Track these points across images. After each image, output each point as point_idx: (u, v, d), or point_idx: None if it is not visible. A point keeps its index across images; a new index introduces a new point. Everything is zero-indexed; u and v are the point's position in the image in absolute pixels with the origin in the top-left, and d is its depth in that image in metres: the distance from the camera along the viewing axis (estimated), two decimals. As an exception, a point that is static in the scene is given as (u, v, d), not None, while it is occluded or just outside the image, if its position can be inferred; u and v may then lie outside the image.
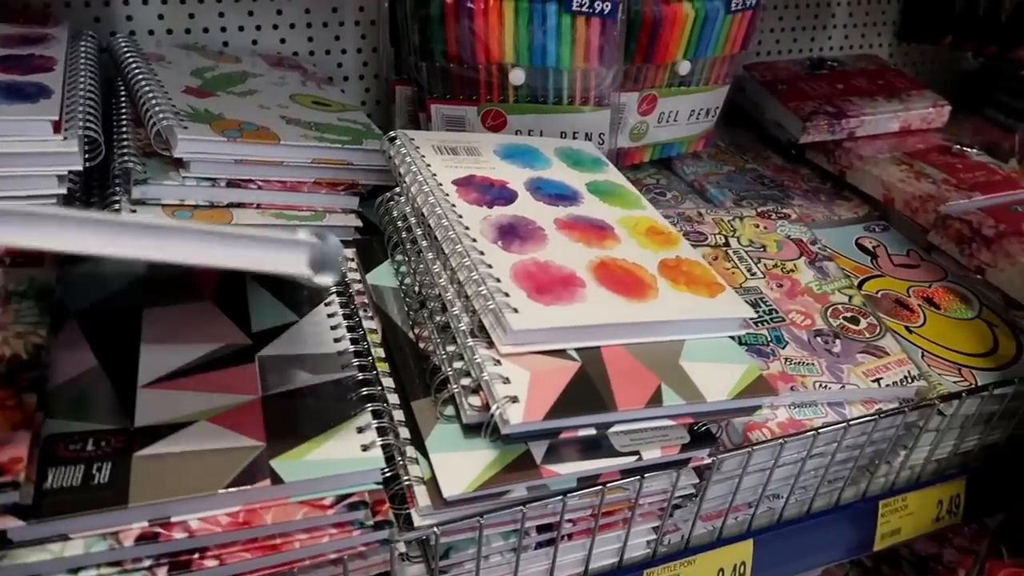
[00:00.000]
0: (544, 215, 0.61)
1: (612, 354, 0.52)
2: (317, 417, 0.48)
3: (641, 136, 0.87)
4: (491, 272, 0.53)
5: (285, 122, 0.71)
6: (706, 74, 0.86)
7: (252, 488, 0.43)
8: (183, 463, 0.43)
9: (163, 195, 0.65)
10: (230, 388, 0.49)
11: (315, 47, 0.93)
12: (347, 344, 0.54)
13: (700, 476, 0.56)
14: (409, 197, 0.62)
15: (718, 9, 0.81)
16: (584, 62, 0.76)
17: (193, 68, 0.78)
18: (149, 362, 0.50)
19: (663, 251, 0.61)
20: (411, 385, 0.54)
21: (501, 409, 0.46)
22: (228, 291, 0.58)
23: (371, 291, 0.62)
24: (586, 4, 0.72)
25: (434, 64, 0.76)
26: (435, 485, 0.47)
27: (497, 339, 0.50)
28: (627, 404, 0.48)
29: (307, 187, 0.70)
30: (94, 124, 0.62)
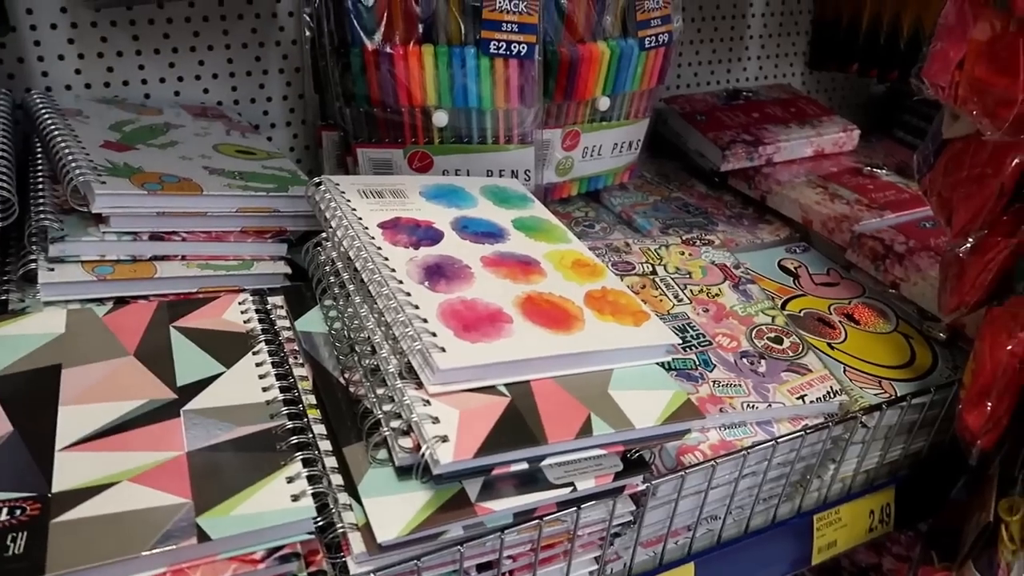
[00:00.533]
0: (471, 253, 0.62)
1: (541, 387, 0.53)
2: (245, 469, 0.47)
3: (567, 171, 0.89)
4: (418, 313, 0.53)
5: (208, 172, 0.71)
6: (626, 108, 0.89)
7: (177, 547, 0.42)
8: (104, 527, 0.42)
9: (82, 252, 0.64)
10: (154, 445, 0.48)
11: (240, 96, 0.93)
12: (276, 392, 0.54)
13: (636, 503, 0.57)
14: (335, 242, 0.63)
15: (632, 47, 0.84)
16: (505, 102, 0.77)
17: (112, 122, 0.77)
18: (68, 424, 0.49)
19: (589, 283, 0.62)
20: (343, 431, 0.53)
21: (431, 449, 0.46)
22: (151, 345, 0.57)
23: (300, 337, 0.61)
24: (503, 47, 0.74)
25: (358, 109, 0.77)
26: (369, 530, 0.47)
27: (426, 379, 0.50)
28: (557, 436, 0.49)
29: (233, 236, 0.70)
30: (6, 183, 0.61)
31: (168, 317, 0.60)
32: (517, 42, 0.74)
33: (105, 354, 0.55)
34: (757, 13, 1.23)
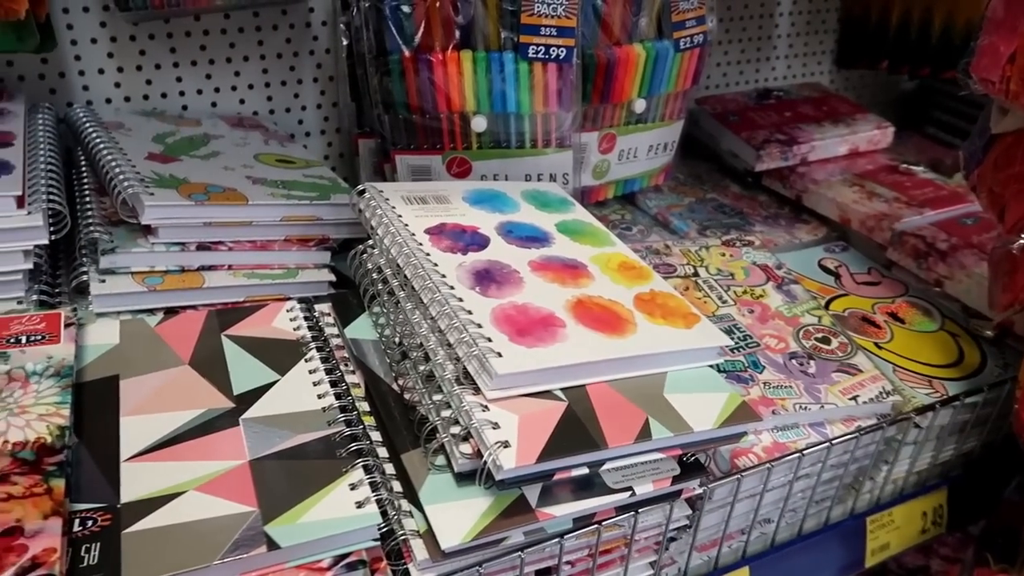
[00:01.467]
0: (518, 258, 0.62)
1: (597, 391, 0.52)
2: (307, 477, 0.47)
3: (604, 174, 0.89)
4: (472, 318, 0.53)
5: (251, 182, 0.71)
6: (661, 110, 0.89)
7: (248, 556, 0.42)
8: (175, 536, 0.42)
9: (132, 263, 0.64)
10: (216, 454, 0.48)
11: (275, 106, 0.94)
12: (331, 400, 0.54)
13: (692, 507, 0.56)
14: (383, 249, 0.63)
15: (668, 48, 0.84)
16: (544, 106, 0.77)
17: (154, 134, 0.78)
18: (131, 434, 0.49)
19: (637, 286, 0.62)
20: (399, 437, 0.53)
21: (494, 455, 0.46)
22: (205, 353, 0.57)
23: (350, 345, 0.62)
24: (541, 51, 0.74)
25: (397, 116, 0.77)
26: (432, 537, 0.47)
27: (483, 385, 0.50)
28: (617, 440, 0.49)
29: (278, 245, 0.70)
30: (58, 197, 0.62)
31: (219, 326, 0.61)
32: (556, 46, 0.74)
33: (161, 364, 0.56)
34: (785, 12, 1.22)
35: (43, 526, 0.38)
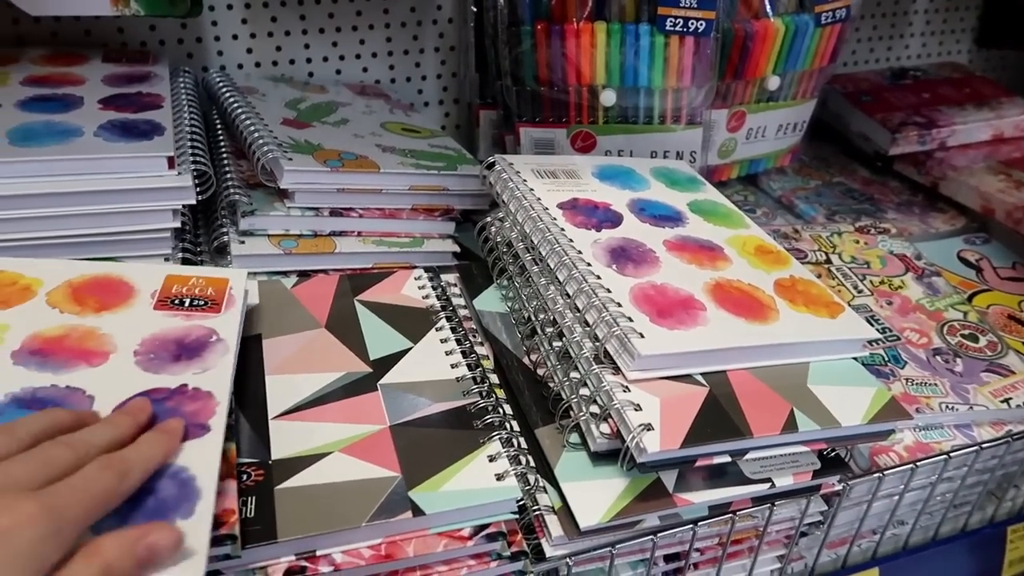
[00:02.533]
0: (652, 237, 0.60)
1: (739, 378, 0.51)
2: (447, 446, 0.48)
3: (729, 153, 0.86)
4: (611, 296, 0.52)
5: (381, 150, 0.72)
6: (794, 88, 0.85)
7: (395, 520, 0.42)
8: (323, 495, 0.43)
9: (269, 225, 0.66)
10: (358, 418, 0.49)
11: (396, 74, 0.94)
12: (465, 370, 0.54)
13: (828, 503, 0.54)
14: (514, 222, 0.62)
15: (808, 23, 0.80)
16: (676, 81, 0.75)
17: (286, 99, 0.80)
18: (276, 393, 0.50)
19: (776, 271, 0.59)
20: (530, 411, 0.53)
21: (637, 438, 0.45)
22: (340, 318, 0.58)
23: (479, 316, 0.62)
24: (680, 23, 0.72)
25: (524, 88, 0.77)
26: (568, 515, 0.46)
27: (623, 365, 0.49)
28: (762, 430, 0.47)
29: (405, 214, 0.71)
30: (203, 159, 0.63)
31: (351, 290, 0.62)
32: (695, 18, 0.72)
33: (299, 326, 0.57)
34: (923, -14, 1.15)
35: (221, 487, 0.39)
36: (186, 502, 0.37)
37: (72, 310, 0.49)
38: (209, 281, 0.54)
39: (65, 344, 0.46)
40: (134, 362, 0.46)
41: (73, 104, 0.65)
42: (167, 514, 0.36)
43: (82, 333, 0.47)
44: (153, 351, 0.47)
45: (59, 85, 0.68)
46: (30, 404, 0.41)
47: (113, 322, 0.48)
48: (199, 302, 0.52)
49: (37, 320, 0.47)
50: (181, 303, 0.51)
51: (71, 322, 0.48)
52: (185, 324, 0.50)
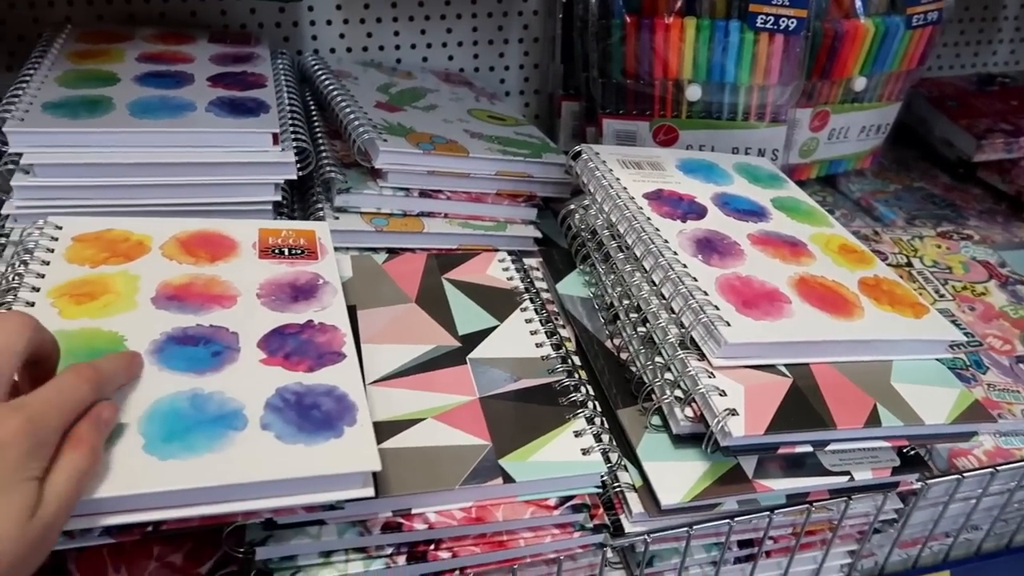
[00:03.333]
0: (736, 230, 0.61)
1: (822, 371, 0.51)
2: (534, 420, 0.49)
3: (811, 153, 0.86)
4: (697, 285, 0.53)
5: (469, 136, 0.74)
6: (880, 90, 0.84)
7: (486, 486, 0.44)
8: (420, 458, 0.45)
9: (362, 203, 0.69)
10: (449, 388, 0.51)
11: (480, 63, 0.96)
12: (549, 350, 0.56)
13: (904, 501, 0.55)
14: (600, 210, 0.64)
15: (898, 25, 0.79)
16: (763, 78, 0.75)
17: (377, 84, 0.82)
18: (372, 360, 0.53)
19: (860, 269, 0.60)
20: (612, 394, 0.55)
21: (722, 422, 0.46)
22: (429, 294, 0.61)
23: (561, 300, 0.63)
24: (771, 21, 0.72)
25: (610, 80, 0.78)
26: (649, 493, 0.48)
27: (709, 352, 0.50)
28: (846, 423, 0.48)
29: (491, 198, 0.73)
30: (304, 136, 0.66)
31: (438, 268, 0.64)
32: (786, 16, 0.72)
33: (392, 300, 0.60)
34: (1016, -9, 1.13)
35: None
36: (347, 413, 0.43)
37: (188, 261, 0.53)
38: (299, 233, 0.58)
39: (193, 290, 0.50)
40: (260, 303, 0.50)
41: (185, 81, 0.68)
42: (336, 424, 0.42)
43: (205, 280, 0.51)
44: (273, 293, 0.51)
45: (171, 63, 0.72)
46: (183, 341, 0.46)
47: (228, 270, 0.52)
48: (296, 251, 0.56)
49: (161, 270, 0.51)
50: (281, 252, 0.56)
51: (191, 271, 0.52)
52: (291, 270, 0.54)
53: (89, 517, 0.37)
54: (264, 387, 0.44)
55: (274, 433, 0.41)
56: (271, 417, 0.42)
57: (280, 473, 0.39)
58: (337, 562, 0.43)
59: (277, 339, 0.48)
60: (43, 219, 0.54)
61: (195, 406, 0.42)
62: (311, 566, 0.43)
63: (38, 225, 0.54)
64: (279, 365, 0.46)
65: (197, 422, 0.41)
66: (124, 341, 0.45)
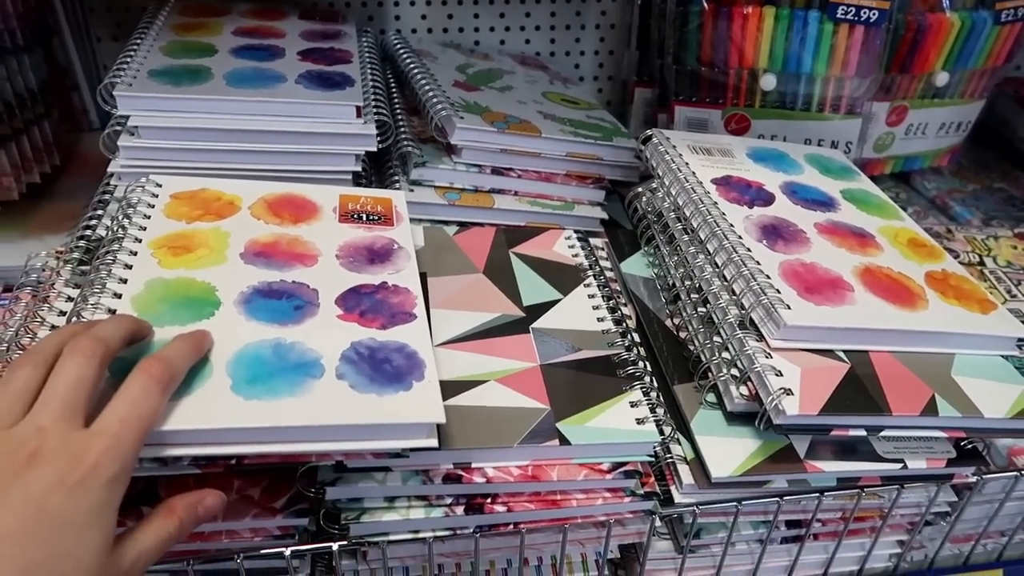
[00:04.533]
0: (803, 219, 0.62)
1: (881, 360, 0.52)
2: (592, 388, 0.51)
3: (885, 148, 0.85)
4: (760, 268, 0.54)
5: (543, 117, 0.76)
6: (963, 87, 0.83)
7: (543, 446, 0.47)
8: (481, 416, 0.48)
9: (436, 177, 0.72)
10: (512, 354, 0.54)
11: (556, 48, 0.98)
12: (610, 324, 0.58)
13: (959, 495, 0.55)
14: (667, 193, 0.65)
15: (986, 20, 0.78)
16: (840, 70, 0.75)
17: (457, 64, 0.85)
18: (439, 325, 0.56)
19: (928, 263, 0.60)
20: (669, 370, 0.56)
21: (777, 400, 0.47)
22: (497, 266, 0.63)
23: (624, 278, 0.65)
24: (852, 12, 0.72)
25: (684, 67, 0.79)
26: (700, 466, 0.49)
27: (768, 333, 0.51)
28: (901, 410, 0.48)
29: (560, 179, 0.74)
30: (385, 111, 0.69)
31: (506, 242, 0.66)
32: (868, 8, 0.72)
33: (460, 269, 0.62)
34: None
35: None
36: (416, 369, 0.46)
37: (274, 221, 0.56)
38: (377, 200, 0.62)
39: (279, 248, 0.53)
40: (339, 264, 0.54)
41: (277, 54, 0.72)
42: (405, 378, 0.45)
43: (290, 239, 0.55)
44: (351, 255, 0.55)
45: (265, 37, 0.76)
46: (268, 294, 0.49)
47: (310, 231, 0.56)
48: (374, 217, 0.59)
49: (249, 229, 0.55)
50: (360, 217, 0.59)
51: (277, 231, 0.55)
52: (369, 235, 0.57)
53: (180, 447, 0.40)
54: (340, 340, 0.47)
55: (348, 383, 0.44)
56: (346, 368, 0.45)
57: (352, 419, 0.42)
58: (400, 507, 0.46)
59: (353, 297, 0.51)
60: (145, 177, 0.59)
61: (277, 354, 0.45)
62: (376, 509, 0.46)
63: (140, 183, 0.58)
64: (354, 321, 0.49)
65: (279, 368, 0.44)
66: (216, 291, 0.49)
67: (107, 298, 0.47)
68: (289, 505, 0.46)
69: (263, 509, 0.46)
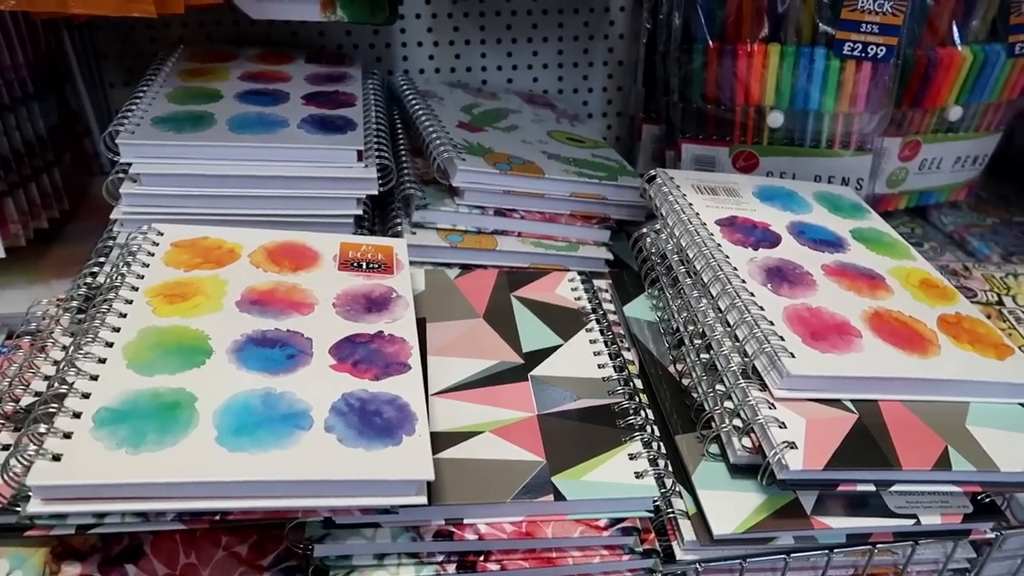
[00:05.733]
0: (810, 260, 0.60)
1: (891, 409, 0.50)
2: (590, 440, 0.50)
3: (899, 183, 0.83)
4: (764, 314, 0.53)
5: (547, 157, 0.75)
6: (978, 120, 0.81)
7: (537, 501, 0.45)
8: (474, 470, 0.47)
9: (439, 220, 0.71)
10: (509, 404, 0.52)
11: (564, 86, 0.98)
12: (611, 371, 0.56)
13: (978, 551, 0.52)
14: (671, 235, 0.64)
15: (999, 53, 0.76)
16: (849, 106, 0.74)
17: (462, 104, 0.85)
18: (437, 373, 0.55)
19: (940, 306, 0.58)
20: (672, 419, 0.55)
21: (780, 454, 0.45)
22: (497, 310, 0.62)
23: (628, 322, 0.64)
24: (858, 48, 0.71)
25: (690, 104, 0.78)
26: (702, 521, 0.48)
27: (771, 382, 0.50)
28: (912, 464, 0.46)
29: (564, 219, 0.74)
30: (387, 154, 0.69)
31: (508, 285, 0.65)
32: (875, 44, 0.70)
33: (460, 314, 0.61)
34: None
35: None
36: (407, 422, 0.45)
37: (273, 269, 0.56)
38: (378, 248, 0.62)
39: (276, 296, 0.53)
40: (335, 312, 0.53)
41: (281, 99, 0.73)
42: (395, 432, 0.44)
43: (288, 288, 0.54)
44: (348, 304, 0.54)
45: (271, 81, 0.76)
46: (262, 343, 0.49)
47: (309, 279, 0.56)
48: (374, 265, 0.59)
49: (247, 277, 0.55)
50: (359, 265, 0.59)
51: (275, 279, 0.55)
52: (368, 283, 0.57)
53: (161, 501, 0.40)
54: (331, 391, 0.46)
55: (336, 436, 0.43)
56: (335, 420, 0.44)
57: (338, 474, 0.41)
58: (390, 565, 0.45)
59: (348, 347, 0.50)
60: (147, 225, 0.59)
61: (266, 404, 0.44)
62: (365, 567, 0.45)
63: (142, 230, 0.59)
64: (347, 372, 0.48)
65: (267, 419, 0.43)
66: (208, 339, 0.48)
67: (98, 347, 0.47)
68: (277, 562, 0.45)
69: (250, 567, 0.45)
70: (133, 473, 0.39)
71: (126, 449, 0.40)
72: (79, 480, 0.39)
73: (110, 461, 0.39)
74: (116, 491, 0.40)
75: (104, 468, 0.39)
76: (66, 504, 0.39)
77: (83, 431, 0.41)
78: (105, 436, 0.40)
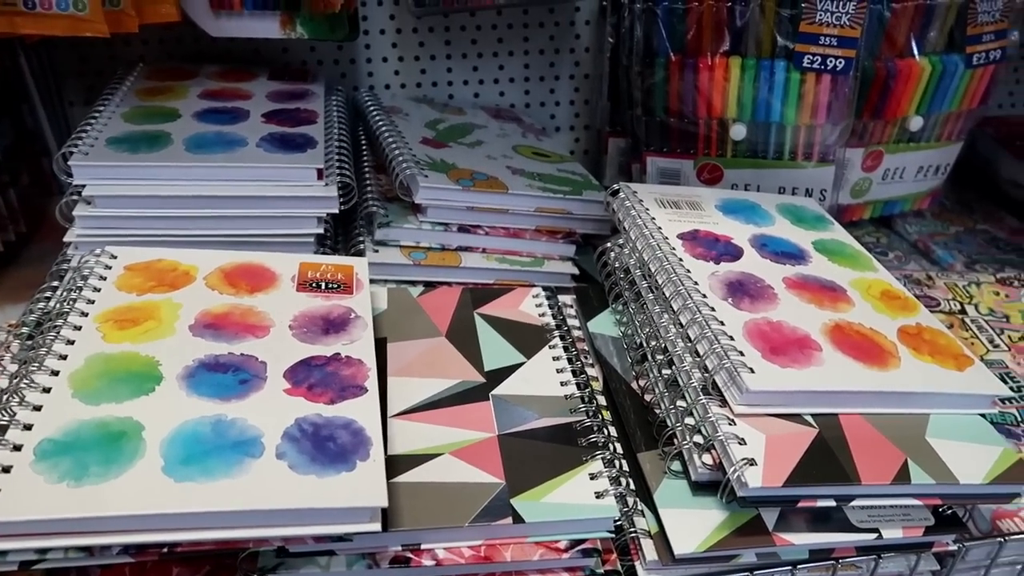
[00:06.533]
0: (772, 273, 0.60)
1: (851, 423, 0.50)
2: (550, 459, 0.49)
3: (863, 193, 0.83)
4: (724, 329, 0.52)
5: (511, 172, 0.75)
6: (939, 130, 0.82)
7: (496, 524, 0.44)
8: (432, 493, 0.46)
9: (402, 237, 0.71)
10: (469, 424, 0.52)
11: (531, 99, 0.98)
12: (574, 389, 0.56)
13: (941, 563, 0.52)
14: (633, 249, 0.64)
15: (957, 63, 0.77)
16: (811, 118, 0.74)
17: (426, 120, 0.85)
18: (397, 393, 0.54)
19: (901, 317, 0.58)
20: (634, 436, 0.54)
21: (739, 471, 0.45)
22: (460, 328, 0.61)
23: (592, 338, 0.63)
24: (817, 61, 0.71)
25: (654, 118, 0.78)
26: (664, 540, 0.47)
27: (731, 398, 0.49)
28: (872, 478, 0.46)
29: (529, 234, 0.73)
30: (348, 172, 0.69)
31: (471, 302, 0.65)
32: (834, 56, 0.71)
33: (422, 333, 0.61)
34: (1097, 26, 1.08)
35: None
36: (362, 447, 0.44)
37: (229, 291, 0.55)
38: (338, 268, 0.60)
39: (231, 319, 0.52)
40: (291, 334, 0.52)
41: (241, 117, 0.72)
42: (349, 458, 0.43)
43: (243, 310, 0.53)
44: (305, 326, 0.53)
45: (230, 99, 0.75)
46: (214, 368, 0.48)
47: (266, 301, 0.55)
48: (333, 285, 0.58)
49: (202, 300, 0.54)
50: (318, 286, 0.58)
51: (231, 301, 0.54)
52: (326, 304, 0.56)
53: (105, 534, 0.39)
54: (284, 416, 0.45)
55: (288, 463, 0.42)
56: (287, 446, 0.43)
57: (289, 503, 0.40)
58: (346, 593, 0.44)
59: (303, 370, 0.49)
60: (100, 248, 0.58)
61: (216, 431, 0.43)
62: (321, 595, 0.44)
63: (95, 253, 0.57)
64: (301, 396, 0.47)
65: (216, 447, 0.42)
66: (159, 366, 0.47)
67: (43, 376, 0.45)
68: (230, 593, 0.44)
69: (202, 599, 0.44)
70: (74, 507, 0.38)
71: (68, 482, 0.39)
72: (18, 516, 0.38)
73: (51, 495, 0.38)
74: (58, 526, 0.38)
75: (44, 502, 0.38)
76: (6, 541, 0.38)
77: (23, 464, 0.39)
78: (46, 469, 0.39)
